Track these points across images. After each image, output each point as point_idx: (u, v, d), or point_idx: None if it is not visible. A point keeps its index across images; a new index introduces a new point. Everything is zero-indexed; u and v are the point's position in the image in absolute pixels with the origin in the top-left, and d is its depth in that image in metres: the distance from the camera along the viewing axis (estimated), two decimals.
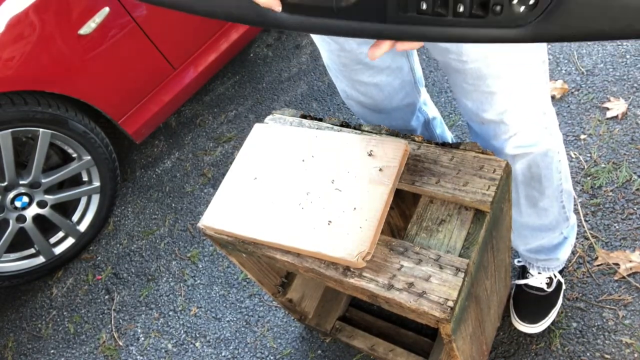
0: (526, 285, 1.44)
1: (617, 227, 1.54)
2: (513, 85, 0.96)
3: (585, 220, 1.58)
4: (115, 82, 2.02)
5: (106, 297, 2.04)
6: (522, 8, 0.44)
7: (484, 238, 0.93)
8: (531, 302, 1.43)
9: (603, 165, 1.67)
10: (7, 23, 1.69)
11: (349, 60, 1.09)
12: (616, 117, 1.75)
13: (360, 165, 1.01)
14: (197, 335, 1.80)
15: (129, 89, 2.09)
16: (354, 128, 1.13)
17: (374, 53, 0.64)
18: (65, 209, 2.14)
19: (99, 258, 2.17)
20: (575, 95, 1.87)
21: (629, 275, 1.45)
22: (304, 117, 1.21)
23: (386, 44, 0.63)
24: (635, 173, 1.62)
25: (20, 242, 2.04)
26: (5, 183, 1.88)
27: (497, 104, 0.99)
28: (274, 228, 1.00)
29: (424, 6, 0.50)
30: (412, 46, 0.63)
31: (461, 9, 0.48)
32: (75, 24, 1.82)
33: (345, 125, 1.15)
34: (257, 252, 1.04)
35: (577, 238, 1.54)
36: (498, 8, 0.45)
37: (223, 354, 1.72)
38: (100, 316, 1.99)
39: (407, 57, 1.16)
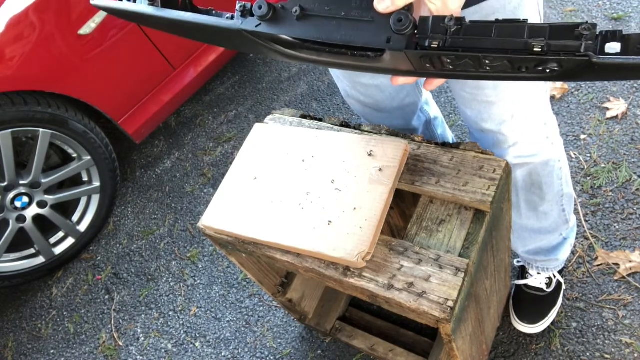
0: (526, 285, 1.44)
1: (617, 227, 1.54)
2: (512, 96, 0.96)
3: (585, 220, 1.58)
4: (115, 82, 2.02)
5: (106, 297, 2.04)
6: (548, 71, 0.48)
7: (483, 238, 0.93)
8: (531, 303, 1.43)
9: (603, 166, 1.67)
10: (7, 23, 1.69)
11: None
12: (616, 117, 1.75)
13: (360, 165, 1.01)
14: (197, 335, 1.80)
15: (129, 89, 2.09)
16: (354, 128, 1.13)
17: (397, 81, 0.65)
18: (65, 209, 2.14)
19: (99, 258, 2.17)
20: (575, 95, 1.87)
21: (628, 275, 1.45)
22: (304, 117, 1.21)
23: (411, 79, 0.65)
24: (635, 173, 1.62)
25: (20, 242, 2.04)
26: (5, 183, 1.88)
27: (495, 114, 0.99)
28: (274, 228, 1.00)
29: (450, 67, 0.52)
30: (439, 83, 0.65)
31: (487, 69, 0.50)
32: (75, 24, 1.82)
33: (345, 125, 1.15)
34: (257, 252, 1.04)
35: (577, 238, 1.54)
36: (524, 69, 0.49)
37: (223, 354, 1.72)
38: (100, 316, 1.99)
39: None
